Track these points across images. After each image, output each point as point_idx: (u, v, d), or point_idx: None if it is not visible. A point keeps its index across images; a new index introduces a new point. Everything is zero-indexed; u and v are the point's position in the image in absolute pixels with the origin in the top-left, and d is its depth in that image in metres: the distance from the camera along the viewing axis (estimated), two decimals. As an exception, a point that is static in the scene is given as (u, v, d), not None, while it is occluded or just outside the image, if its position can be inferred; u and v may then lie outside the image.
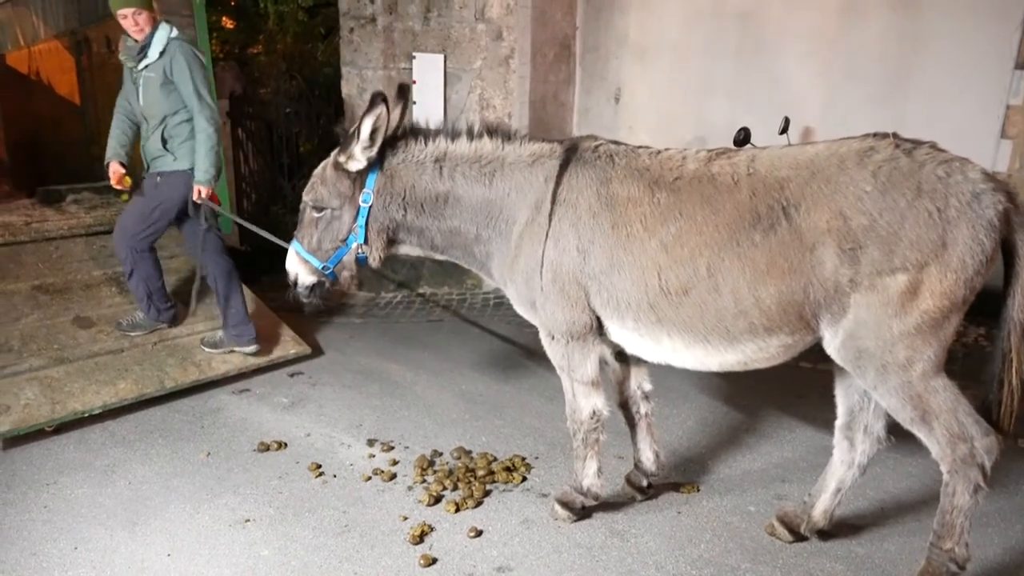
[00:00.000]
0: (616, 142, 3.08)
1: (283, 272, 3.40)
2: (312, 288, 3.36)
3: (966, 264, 2.48)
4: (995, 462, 2.63)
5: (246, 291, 5.66)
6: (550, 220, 2.97)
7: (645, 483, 3.52)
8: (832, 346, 2.71)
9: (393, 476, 3.71)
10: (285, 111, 7.89)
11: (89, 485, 3.63)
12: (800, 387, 2.89)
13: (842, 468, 3.09)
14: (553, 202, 2.97)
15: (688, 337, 2.85)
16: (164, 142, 4.54)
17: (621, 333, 3.03)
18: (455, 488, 3.58)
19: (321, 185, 3.20)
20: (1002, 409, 2.70)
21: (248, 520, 3.36)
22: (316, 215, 3.22)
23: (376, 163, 3.14)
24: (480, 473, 3.69)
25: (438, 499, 3.49)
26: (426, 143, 3.17)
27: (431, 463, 3.82)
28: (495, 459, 3.86)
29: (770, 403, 4.54)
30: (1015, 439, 3.13)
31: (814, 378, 4.59)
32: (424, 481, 3.66)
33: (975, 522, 2.71)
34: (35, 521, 3.35)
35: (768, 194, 2.67)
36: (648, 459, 3.49)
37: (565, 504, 3.35)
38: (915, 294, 2.52)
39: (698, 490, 3.63)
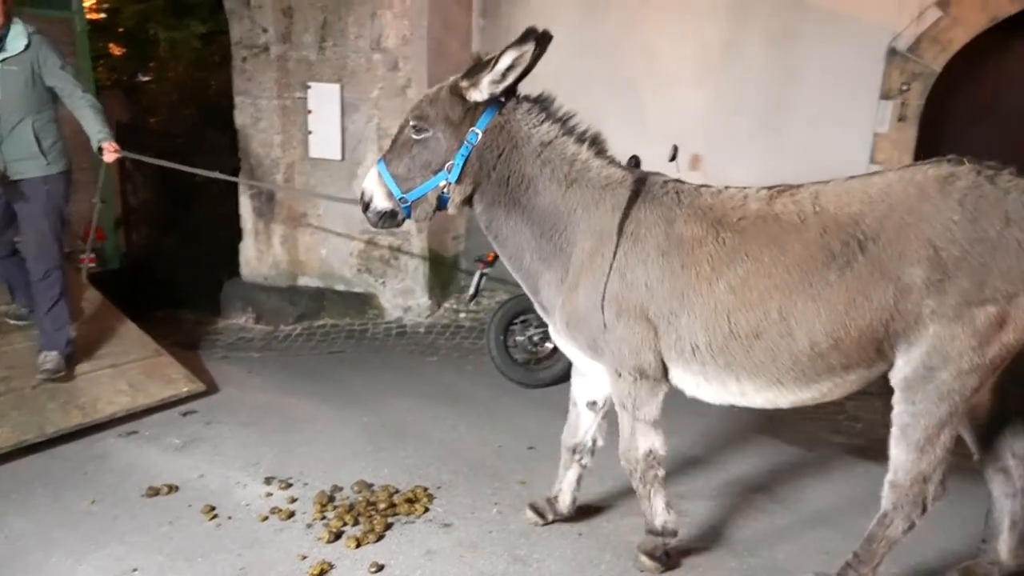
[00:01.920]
0: (680, 180, 2.99)
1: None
2: (383, 215, 3.14)
3: None
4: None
5: (134, 327, 5.45)
6: (615, 253, 2.86)
7: (550, 518, 3.54)
8: (901, 373, 2.65)
9: (291, 514, 3.62)
10: (176, 140, 7.67)
11: (-42, 542, 3.39)
12: (700, 404, 2.98)
13: (1008, 502, 2.93)
14: (619, 234, 2.86)
15: (760, 381, 2.78)
16: (38, 142, 4.52)
17: (685, 377, 2.94)
18: (356, 523, 3.52)
19: (429, 105, 2.98)
20: None
21: (135, 570, 3.21)
22: (415, 136, 2.99)
23: (495, 104, 2.95)
24: (382, 506, 3.64)
25: (338, 535, 3.42)
26: (545, 119, 3.01)
27: (331, 499, 3.74)
28: (397, 491, 3.81)
29: (667, 420, 4.65)
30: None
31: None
32: (323, 518, 3.58)
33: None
34: None
35: (841, 231, 2.59)
36: (565, 503, 3.52)
37: (650, 554, 3.16)
38: (1002, 326, 2.49)
39: (599, 511, 3.68)
